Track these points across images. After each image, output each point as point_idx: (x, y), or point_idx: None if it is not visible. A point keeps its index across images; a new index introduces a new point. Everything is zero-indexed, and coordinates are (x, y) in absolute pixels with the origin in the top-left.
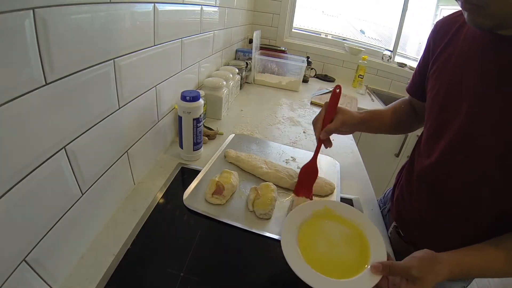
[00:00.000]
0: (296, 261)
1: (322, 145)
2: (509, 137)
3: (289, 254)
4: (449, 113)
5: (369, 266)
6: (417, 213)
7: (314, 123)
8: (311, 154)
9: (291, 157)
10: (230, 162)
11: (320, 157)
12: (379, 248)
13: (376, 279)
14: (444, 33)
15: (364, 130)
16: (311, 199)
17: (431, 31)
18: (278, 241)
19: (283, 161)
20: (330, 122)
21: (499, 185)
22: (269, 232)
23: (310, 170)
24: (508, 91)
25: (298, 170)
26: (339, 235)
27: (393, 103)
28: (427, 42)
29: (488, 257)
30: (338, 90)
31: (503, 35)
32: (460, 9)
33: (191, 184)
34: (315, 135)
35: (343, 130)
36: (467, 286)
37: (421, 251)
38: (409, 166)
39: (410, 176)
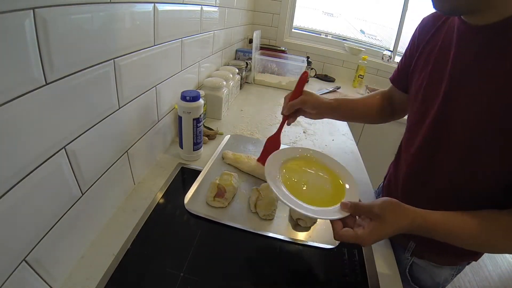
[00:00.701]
0: (278, 187)
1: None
2: (483, 119)
3: (272, 183)
4: (429, 102)
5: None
6: (406, 202)
7: (284, 100)
8: None
9: None
10: (228, 164)
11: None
12: (353, 193)
13: (343, 214)
14: (429, 28)
15: (334, 117)
16: None
17: (418, 26)
18: (282, 241)
19: None
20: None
21: (478, 168)
22: (273, 233)
23: (274, 140)
24: (480, 77)
25: None
26: (319, 178)
27: (370, 94)
28: (413, 36)
29: (458, 220)
30: (304, 75)
31: (477, 25)
32: None
33: (191, 187)
34: (281, 111)
35: (308, 111)
36: (456, 274)
37: (385, 198)
38: (396, 156)
39: (396, 166)
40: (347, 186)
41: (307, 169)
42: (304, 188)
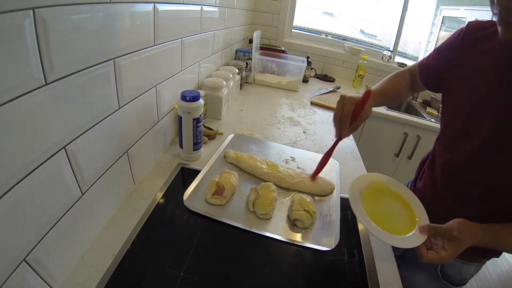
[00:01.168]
0: (363, 217)
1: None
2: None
3: (357, 212)
4: (477, 117)
5: (417, 228)
6: (442, 205)
7: (337, 119)
8: (311, 153)
9: (291, 157)
10: (230, 163)
11: (315, 154)
12: (423, 217)
13: (423, 238)
14: (476, 38)
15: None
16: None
17: (463, 31)
18: (278, 241)
19: (283, 161)
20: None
21: None
22: (270, 232)
23: (325, 156)
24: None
25: (298, 170)
26: (392, 203)
27: (393, 80)
28: (454, 39)
29: None
30: (367, 95)
31: None
32: (491, 20)
33: (191, 184)
34: (338, 132)
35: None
36: (479, 269)
37: (457, 219)
38: (431, 161)
39: (432, 170)
40: (414, 208)
41: (380, 196)
42: (384, 216)
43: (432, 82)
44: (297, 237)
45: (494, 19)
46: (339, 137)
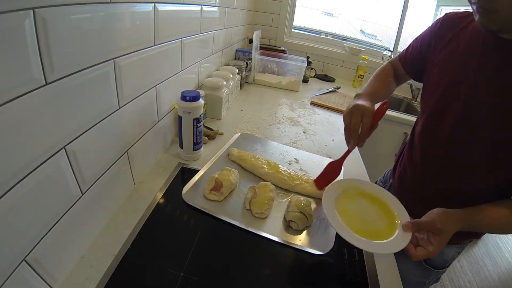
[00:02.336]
0: (341, 228)
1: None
2: (501, 127)
3: (334, 223)
4: (449, 98)
5: (400, 227)
6: (421, 187)
7: (353, 130)
8: (315, 156)
9: (295, 158)
10: (232, 161)
11: (323, 160)
12: (403, 214)
13: (409, 236)
14: (453, 25)
15: None
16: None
17: (440, 20)
18: (273, 241)
19: (286, 162)
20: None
21: (497, 164)
22: (264, 232)
23: (336, 167)
24: (500, 88)
25: (301, 173)
26: (369, 206)
27: (382, 78)
28: (433, 28)
29: (491, 213)
30: (384, 107)
31: (504, 37)
32: (467, 11)
33: (192, 179)
34: (351, 141)
35: None
36: (460, 252)
37: (435, 209)
38: (409, 145)
39: (411, 153)
40: (392, 207)
41: (355, 200)
42: (363, 222)
43: (416, 71)
44: (290, 238)
45: (471, 9)
46: (352, 149)
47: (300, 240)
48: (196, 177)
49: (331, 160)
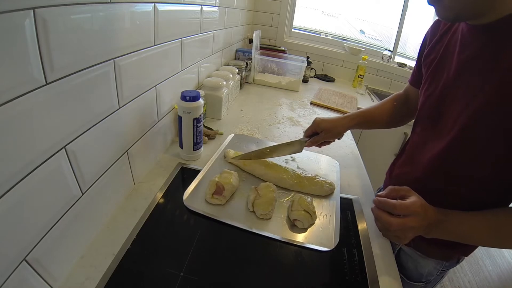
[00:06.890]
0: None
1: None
2: (474, 116)
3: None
4: (432, 98)
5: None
6: (420, 188)
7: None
8: (311, 153)
9: (291, 157)
10: (229, 162)
11: (320, 157)
12: None
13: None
14: (440, 27)
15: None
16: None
17: (430, 26)
18: (278, 241)
19: (283, 161)
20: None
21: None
22: (269, 232)
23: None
24: (479, 74)
25: (298, 170)
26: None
27: (385, 100)
28: (425, 35)
29: (473, 221)
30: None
31: (476, 24)
32: None
33: (191, 184)
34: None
35: (332, 140)
36: (442, 270)
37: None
38: (409, 144)
39: (411, 153)
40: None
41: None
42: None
43: (419, 82)
44: (297, 237)
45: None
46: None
47: (306, 238)
48: (196, 181)
49: (328, 157)
